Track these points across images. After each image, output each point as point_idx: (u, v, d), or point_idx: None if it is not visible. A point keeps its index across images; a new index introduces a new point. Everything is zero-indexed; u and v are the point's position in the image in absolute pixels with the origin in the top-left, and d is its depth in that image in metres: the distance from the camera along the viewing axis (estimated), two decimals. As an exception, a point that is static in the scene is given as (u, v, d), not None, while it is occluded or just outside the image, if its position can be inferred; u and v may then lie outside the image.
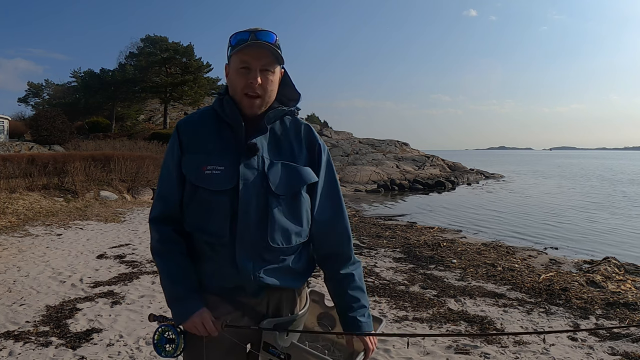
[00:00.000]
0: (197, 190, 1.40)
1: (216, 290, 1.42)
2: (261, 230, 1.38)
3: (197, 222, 1.41)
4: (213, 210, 1.39)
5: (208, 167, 1.39)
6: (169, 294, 1.43)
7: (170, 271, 1.42)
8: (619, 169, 51.52)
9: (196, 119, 1.50)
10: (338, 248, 1.53)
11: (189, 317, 1.37)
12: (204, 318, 1.36)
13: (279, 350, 1.37)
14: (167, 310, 1.49)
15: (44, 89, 45.47)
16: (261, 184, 1.40)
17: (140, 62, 39.60)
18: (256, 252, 1.39)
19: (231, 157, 1.40)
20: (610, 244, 9.94)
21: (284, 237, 1.41)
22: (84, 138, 31.01)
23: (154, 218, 1.49)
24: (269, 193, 1.40)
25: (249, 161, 1.40)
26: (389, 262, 6.60)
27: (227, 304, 1.42)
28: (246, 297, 1.42)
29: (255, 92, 1.40)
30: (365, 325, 1.48)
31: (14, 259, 6.24)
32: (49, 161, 14.85)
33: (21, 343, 3.49)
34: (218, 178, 1.38)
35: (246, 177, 1.39)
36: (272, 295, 1.44)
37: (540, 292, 5.14)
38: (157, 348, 1.42)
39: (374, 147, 32.95)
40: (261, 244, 1.39)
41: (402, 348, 3.54)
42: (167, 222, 1.46)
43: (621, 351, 3.56)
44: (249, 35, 1.39)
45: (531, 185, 28.59)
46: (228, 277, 1.40)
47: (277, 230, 1.40)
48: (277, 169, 1.42)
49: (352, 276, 1.52)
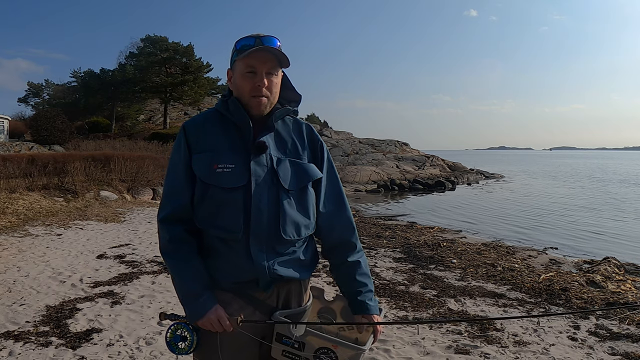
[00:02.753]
0: (209, 188, 1.45)
1: (228, 287, 1.46)
2: (274, 223, 1.45)
3: (210, 218, 1.46)
4: (226, 207, 1.44)
5: (219, 165, 1.44)
6: (183, 292, 1.45)
7: (182, 270, 1.45)
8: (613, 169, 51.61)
9: (202, 119, 1.54)
10: (344, 238, 1.61)
11: (204, 314, 1.40)
12: (220, 315, 1.40)
13: (293, 340, 1.43)
14: (171, 309, 1.49)
15: (44, 89, 45.51)
16: (271, 180, 1.47)
17: (140, 62, 39.59)
18: (269, 245, 1.45)
19: (240, 156, 1.46)
20: (610, 244, 9.94)
21: (295, 230, 1.49)
22: (84, 138, 31.02)
23: (164, 218, 1.50)
24: (280, 188, 1.47)
25: (259, 159, 1.47)
26: (389, 262, 6.60)
27: (239, 300, 1.46)
28: (257, 291, 1.46)
29: (262, 94, 1.47)
30: (373, 308, 1.58)
31: (14, 259, 6.24)
32: (49, 161, 14.85)
33: (21, 343, 3.49)
34: (229, 176, 1.43)
35: (257, 174, 1.45)
36: (281, 288, 1.50)
37: (540, 292, 5.14)
38: (171, 346, 1.44)
39: (374, 147, 32.95)
40: (274, 237, 1.45)
41: (402, 348, 3.55)
42: (177, 222, 1.49)
43: (621, 351, 3.56)
44: (254, 41, 1.46)
45: (517, 185, 28.51)
46: (243, 271, 1.44)
47: (289, 223, 1.47)
48: (286, 166, 1.50)
49: (358, 263, 1.61)
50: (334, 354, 1.41)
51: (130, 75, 38.75)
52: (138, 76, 39.00)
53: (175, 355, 1.45)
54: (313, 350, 1.42)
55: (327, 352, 1.41)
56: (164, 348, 3.45)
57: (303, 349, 1.42)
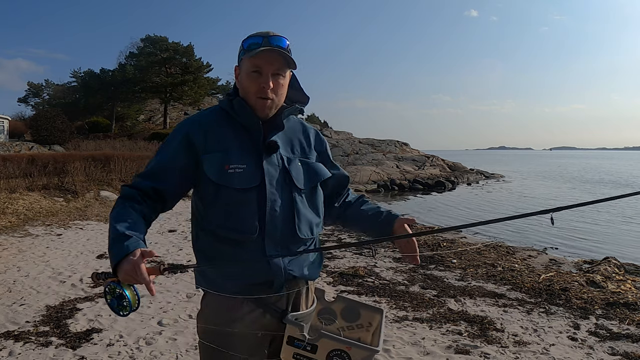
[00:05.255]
0: (220, 189, 1.41)
1: (237, 290, 1.42)
2: (288, 223, 1.44)
3: (224, 220, 1.42)
4: (240, 208, 1.41)
5: (230, 166, 1.40)
6: (109, 238, 1.27)
7: (119, 215, 1.32)
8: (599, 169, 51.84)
9: (208, 119, 1.50)
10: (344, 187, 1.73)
11: (120, 259, 1.21)
12: (135, 262, 1.20)
13: (306, 342, 1.41)
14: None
15: (44, 89, 45.50)
16: (284, 179, 1.46)
17: (140, 62, 39.60)
18: (285, 245, 1.45)
19: (251, 156, 1.44)
20: (610, 244, 9.94)
21: (309, 228, 1.49)
22: (84, 138, 31.03)
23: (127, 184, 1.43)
24: (293, 188, 1.47)
25: (270, 158, 1.46)
26: (389, 262, 6.60)
27: (248, 302, 1.43)
28: (268, 293, 1.43)
29: (267, 96, 1.43)
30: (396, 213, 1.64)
31: (14, 259, 6.24)
32: (49, 161, 14.84)
33: (21, 343, 3.49)
34: (241, 176, 1.40)
35: (271, 174, 1.44)
36: (291, 290, 1.48)
37: (540, 292, 5.14)
38: (114, 309, 1.27)
39: (374, 147, 32.94)
40: (289, 236, 1.45)
41: (402, 348, 3.55)
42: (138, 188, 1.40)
43: (621, 351, 3.56)
44: (262, 40, 1.42)
45: (517, 185, 28.51)
46: (256, 272, 1.41)
47: (304, 222, 1.47)
48: (297, 165, 1.50)
49: (363, 196, 1.73)
50: (347, 356, 1.39)
51: (130, 75, 38.76)
52: (138, 76, 39.01)
53: (121, 316, 1.30)
54: (326, 353, 1.40)
55: (340, 353, 1.38)
56: (164, 348, 3.45)
57: (315, 351, 1.40)
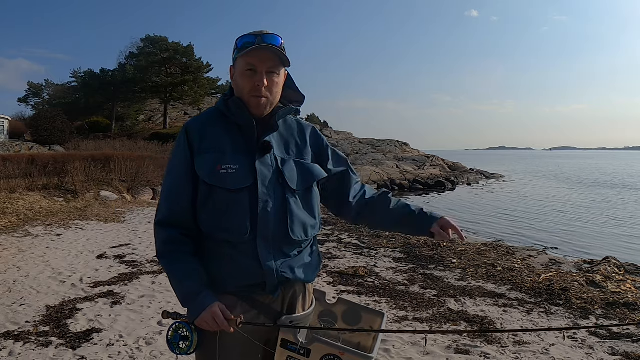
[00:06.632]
0: (213, 190, 1.41)
1: (234, 290, 1.42)
2: (281, 224, 1.43)
3: (216, 221, 1.41)
4: (232, 209, 1.40)
5: (223, 166, 1.40)
6: (181, 293, 1.41)
7: (178, 271, 1.41)
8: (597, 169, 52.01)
9: (204, 119, 1.51)
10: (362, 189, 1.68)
11: (200, 312, 1.35)
12: (215, 312, 1.33)
13: (299, 346, 1.40)
14: (172, 309, 1.49)
15: (44, 89, 45.45)
16: (277, 180, 1.45)
17: (140, 62, 39.60)
18: (277, 247, 1.43)
19: (244, 156, 1.43)
20: (610, 244, 9.94)
21: (303, 230, 1.47)
22: (84, 138, 31.02)
23: (160, 221, 1.47)
24: (286, 188, 1.45)
25: (264, 159, 1.45)
26: (389, 262, 6.60)
27: (244, 304, 1.42)
28: (263, 295, 1.43)
29: (262, 94, 1.43)
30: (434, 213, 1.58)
31: (14, 259, 6.24)
32: (49, 161, 14.84)
33: (21, 343, 3.49)
34: (233, 177, 1.40)
35: (264, 174, 1.43)
36: (286, 292, 1.47)
37: (540, 292, 5.14)
38: (171, 345, 1.41)
39: (374, 147, 32.95)
40: (282, 238, 1.43)
41: (402, 348, 3.55)
42: (174, 226, 1.45)
43: (621, 351, 3.56)
44: (255, 39, 1.42)
45: (517, 185, 28.52)
46: (249, 274, 1.40)
47: (297, 224, 1.45)
48: (291, 166, 1.49)
49: (387, 193, 1.67)
50: None
51: (130, 75, 38.76)
52: (138, 76, 39.00)
53: (176, 355, 1.42)
54: (319, 357, 1.39)
55: (333, 359, 1.38)
56: (164, 348, 3.44)
57: (309, 355, 1.40)
